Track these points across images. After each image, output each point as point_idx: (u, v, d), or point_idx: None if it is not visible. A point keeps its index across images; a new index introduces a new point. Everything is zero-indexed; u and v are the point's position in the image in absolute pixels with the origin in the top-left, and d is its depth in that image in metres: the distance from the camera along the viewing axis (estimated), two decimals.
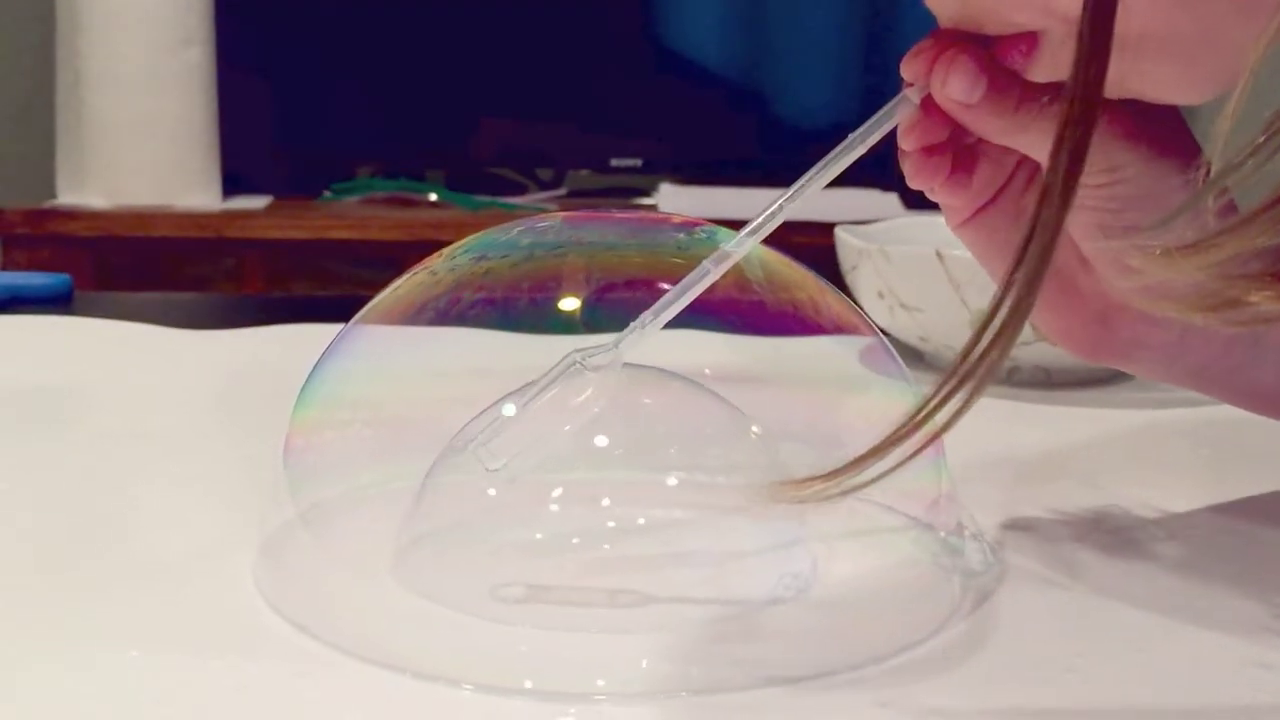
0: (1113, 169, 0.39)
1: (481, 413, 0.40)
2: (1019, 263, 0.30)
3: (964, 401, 0.32)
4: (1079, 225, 0.41)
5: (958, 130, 0.41)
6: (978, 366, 0.31)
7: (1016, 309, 0.31)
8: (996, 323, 0.31)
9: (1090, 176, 0.39)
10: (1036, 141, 0.39)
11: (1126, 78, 0.37)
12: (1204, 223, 0.31)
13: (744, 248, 0.40)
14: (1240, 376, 0.47)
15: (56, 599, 0.40)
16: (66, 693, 0.34)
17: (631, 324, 0.40)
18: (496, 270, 0.45)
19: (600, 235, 0.48)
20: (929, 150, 0.42)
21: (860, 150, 0.40)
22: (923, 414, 0.32)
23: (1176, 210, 0.32)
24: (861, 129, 0.40)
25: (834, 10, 2.01)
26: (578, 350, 0.40)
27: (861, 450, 0.33)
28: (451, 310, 0.44)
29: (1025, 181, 0.44)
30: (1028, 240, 0.30)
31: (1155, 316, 0.44)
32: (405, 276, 0.45)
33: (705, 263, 0.40)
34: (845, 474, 0.34)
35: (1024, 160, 0.43)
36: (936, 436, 0.33)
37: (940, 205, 0.45)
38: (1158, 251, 0.32)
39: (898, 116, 0.40)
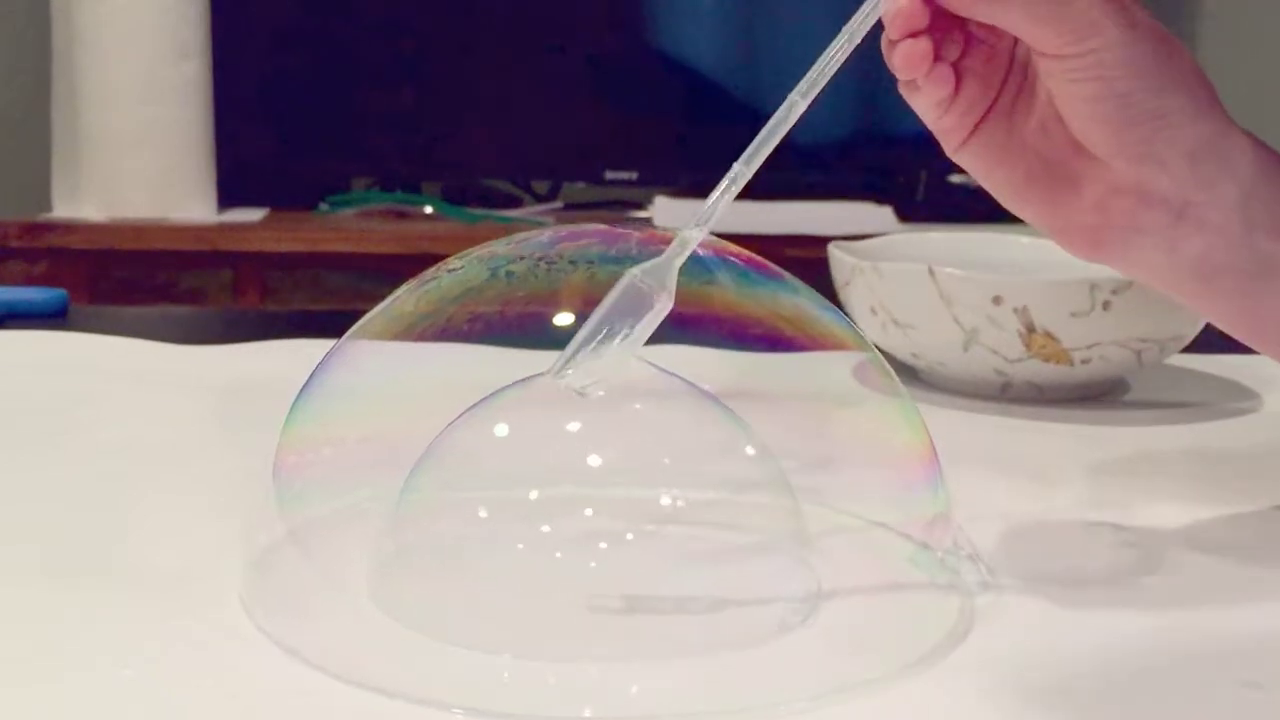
0: (1092, 23, 0.41)
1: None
2: None
3: None
4: (1074, 101, 0.43)
5: (938, 18, 0.44)
6: None
7: None
8: None
9: (1074, 44, 0.42)
10: (1019, 18, 0.42)
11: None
12: None
13: (809, 97, 0.43)
14: (1250, 301, 0.46)
15: (47, 613, 0.40)
16: (56, 704, 0.34)
17: (722, 180, 0.42)
18: (490, 285, 0.45)
19: (597, 251, 0.47)
20: (914, 35, 0.44)
21: (857, 40, 0.43)
22: None
23: None
24: (853, 20, 0.43)
25: (830, 24, 2.01)
26: (636, 266, 0.40)
27: None
28: (445, 326, 0.44)
29: (1014, 94, 0.46)
30: None
31: (1149, 197, 0.44)
32: (398, 292, 0.45)
33: (792, 95, 0.43)
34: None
35: (1010, 75, 0.46)
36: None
37: (935, 132, 0.46)
38: None
39: (884, 6, 0.44)
